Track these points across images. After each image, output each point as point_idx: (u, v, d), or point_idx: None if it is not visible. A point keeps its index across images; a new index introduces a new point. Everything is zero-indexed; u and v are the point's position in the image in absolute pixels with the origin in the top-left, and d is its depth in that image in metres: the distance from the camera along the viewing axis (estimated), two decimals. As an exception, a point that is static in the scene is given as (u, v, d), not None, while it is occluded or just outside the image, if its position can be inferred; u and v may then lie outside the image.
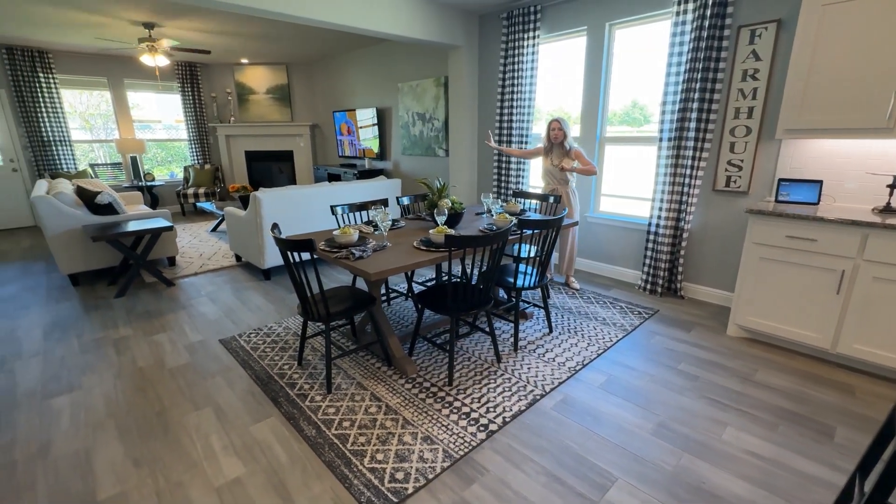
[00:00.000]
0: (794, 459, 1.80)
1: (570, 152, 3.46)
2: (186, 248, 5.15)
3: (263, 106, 7.66)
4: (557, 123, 3.45)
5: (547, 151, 3.59)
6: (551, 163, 3.54)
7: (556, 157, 3.51)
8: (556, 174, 3.55)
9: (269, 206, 3.79)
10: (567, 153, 3.47)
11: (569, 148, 3.47)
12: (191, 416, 2.12)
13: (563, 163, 3.41)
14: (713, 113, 3.12)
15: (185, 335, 2.96)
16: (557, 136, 3.45)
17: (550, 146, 3.56)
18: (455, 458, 1.82)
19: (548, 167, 3.59)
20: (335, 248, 2.34)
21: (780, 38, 2.84)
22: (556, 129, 3.45)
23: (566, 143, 3.46)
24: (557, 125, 3.44)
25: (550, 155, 3.56)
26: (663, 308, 3.32)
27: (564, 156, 3.47)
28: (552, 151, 3.55)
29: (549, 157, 3.57)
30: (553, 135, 3.47)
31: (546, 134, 3.54)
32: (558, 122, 3.44)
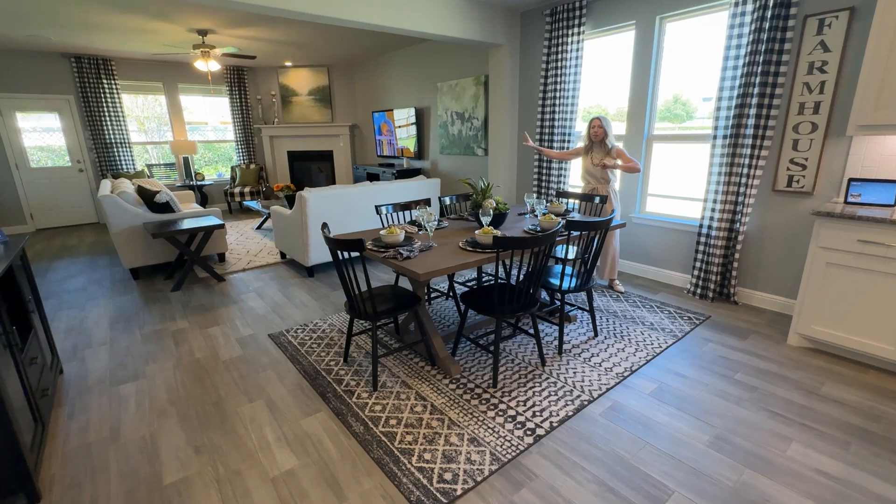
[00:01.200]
0: (870, 481, 1.68)
1: (612, 151, 3.37)
2: (234, 245, 5.37)
3: (305, 107, 7.88)
4: (598, 121, 3.37)
5: (587, 150, 3.52)
6: (591, 162, 3.47)
7: (597, 156, 3.44)
8: (596, 173, 3.49)
9: (315, 205, 3.89)
10: (608, 152, 3.38)
11: (610, 147, 3.39)
12: (245, 407, 2.21)
13: (604, 160, 3.33)
14: (774, 108, 2.95)
15: (236, 329, 3.09)
16: (598, 133, 3.38)
17: (591, 145, 3.49)
18: (503, 462, 1.80)
19: (588, 167, 3.53)
20: (382, 247, 2.38)
21: (852, 27, 2.64)
22: (597, 127, 3.37)
23: (607, 142, 3.39)
24: (598, 123, 3.37)
25: (591, 154, 3.49)
26: (715, 314, 3.17)
27: (605, 155, 3.39)
28: (592, 150, 3.48)
29: (590, 155, 3.49)
30: (593, 133, 3.40)
31: (586, 132, 3.48)
32: (599, 121, 3.36)
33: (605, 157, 3.38)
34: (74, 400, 2.30)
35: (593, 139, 3.43)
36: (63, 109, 6.35)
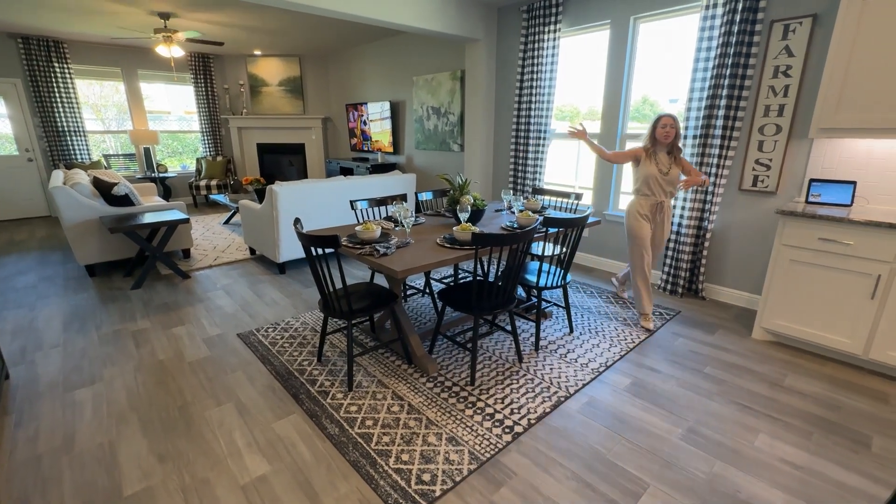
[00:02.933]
0: (832, 469, 1.75)
1: (681, 156, 2.89)
2: (200, 240, 5.15)
3: (276, 98, 7.63)
4: (670, 119, 2.76)
5: (648, 153, 2.90)
6: (658, 168, 2.85)
7: (663, 163, 2.86)
8: (663, 183, 2.86)
9: (286, 199, 3.76)
10: (676, 158, 2.87)
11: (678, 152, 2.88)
12: (213, 411, 2.11)
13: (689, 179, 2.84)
14: (741, 110, 3.04)
15: (203, 328, 2.95)
16: (668, 135, 2.77)
17: (653, 147, 2.88)
18: (482, 461, 1.79)
19: (652, 173, 2.85)
20: (358, 244, 2.31)
21: (815, 33, 2.75)
22: (668, 127, 2.76)
23: (678, 145, 2.88)
24: (670, 121, 2.76)
25: (655, 158, 2.87)
26: (685, 309, 3.27)
27: (673, 161, 2.86)
28: (657, 154, 2.88)
29: (654, 160, 2.86)
30: (663, 133, 2.78)
31: (650, 132, 2.85)
32: (671, 119, 2.76)
33: (672, 164, 2.85)
34: (22, 407, 2.14)
35: (661, 140, 2.82)
36: (9, 94, 5.91)
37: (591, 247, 4.25)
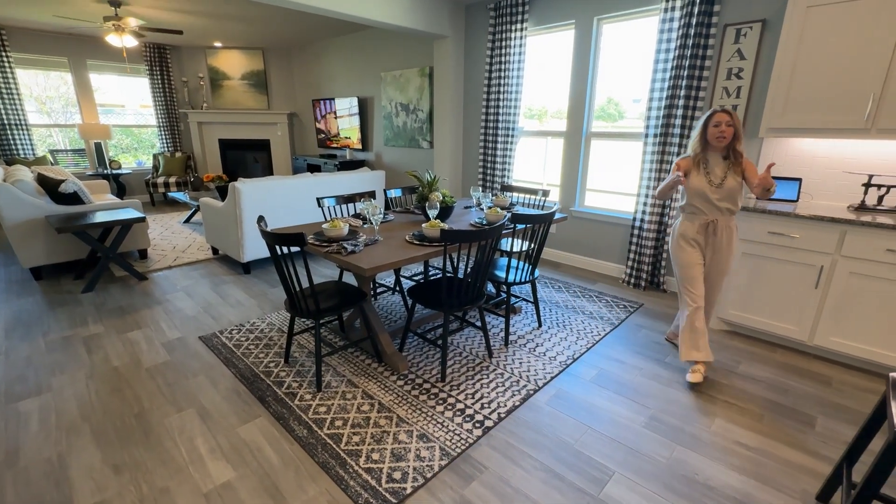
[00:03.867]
0: (781, 449, 1.86)
1: (742, 162, 2.18)
2: (158, 240, 4.92)
3: (238, 92, 7.37)
4: (726, 116, 2.12)
5: (697, 162, 2.23)
6: (708, 180, 2.19)
7: (717, 171, 2.19)
8: (716, 198, 2.20)
9: (250, 197, 3.64)
10: (735, 165, 2.18)
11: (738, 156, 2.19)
12: (173, 417, 2.02)
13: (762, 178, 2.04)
14: (698, 110, 3.17)
15: (162, 332, 2.82)
16: (724, 136, 2.12)
17: (703, 152, 2.23)
18: (453, 456, 1.80)
19: (699, 187, 2.21)
20: (325, 242, 2.27)
21: (764, 37, 2.90)
22: (724, 125, 2.12)
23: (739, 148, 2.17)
24: (726, 118, 2.12)
25: (705, 167, 2.22)
26: (647, 301, 3.39)
27: (730, 169, 2.18)
28: (708, 162, 2.22)
29: (703, 169, 2.21)
30: (716, 134, 2.13)
31: (700, 132, 2.20)
32: (727, 115, 2.12)
33: (728, 172, 2.18)
34: (-41, 421, 1.98)
35: (714, 143, 2.16)
36: (-61, 83, 5.44)
37: (558, 243, 4.33)
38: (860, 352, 2.40)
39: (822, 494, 1.61)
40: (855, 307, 2.39)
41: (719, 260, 2.35)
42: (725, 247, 2.32)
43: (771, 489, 1.66)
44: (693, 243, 2.35)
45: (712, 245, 2.33)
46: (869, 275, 2.32)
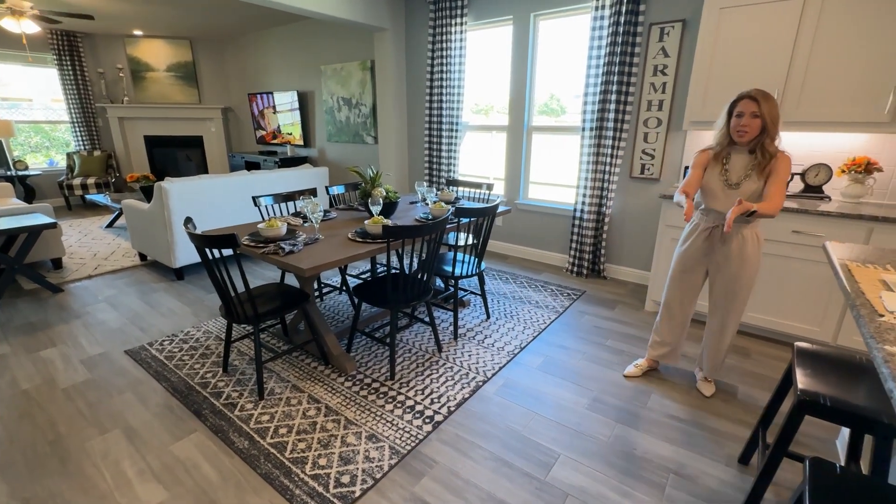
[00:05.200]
0: (708, 419, 2.01)
1: (774, 161, 1.78)
2: (76, 247, 4.47)
3: (164, 85, 6.84)
4: (753, 105, 1.74)
5: (719, 157, 1.91)
6: (723, 177, 1.88)
7: (737, 169, 1.86)
8: (724, 197, 1.89)
9: (179, 197, 3.40)
10: (761, 165, 1.80)
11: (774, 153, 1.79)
12: (95, 441, 1.85)
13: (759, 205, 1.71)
14: (629, 105, 3.34)
15: (81, 348, 2.57)
16: (746, 129, 1.77)
17: (728, 146, 1.89)
18: (403, 454, 1.78)
19: (712, 186, 1.91)
20: (261, 242, 2.16)
21: (685, 36, 3.09)
22: (749, 116, 1.75)
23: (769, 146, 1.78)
24: (752, 108, 1.74)
25: (725, 162, 1.90)
26: (589, 289, 3.54)
27: (755, 169, 1.81)
28: (730, 156, 1.89)
29: (723, 166, 1.89)
30: (737, 126, 1.79)
31: (724, 122, 1.86)
32: (755, 103, 1.73)
33: (752, 171, 1.82)
34: None
35: (736, 136, 1.81)
36: None
37: (505, 235, 4.41)
38: (772, 324, 2.65)
39: (743, 457, 1.76)
40: (767, 283, 2.62)
41: (728, 273, 1.95)
42: (740, 260, 1.90)
43: (700, 456, 1.79)
44: (694, 246, 2.02)
45: (720, 255, 1.96)
46: (778, 254, 2.55)
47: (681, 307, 2.17)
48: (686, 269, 2.08)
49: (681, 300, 2.15)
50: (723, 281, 2.00)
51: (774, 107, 1.73)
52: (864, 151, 2.64)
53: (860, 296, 1.20)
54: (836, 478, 0.99)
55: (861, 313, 1.10)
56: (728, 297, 2.00)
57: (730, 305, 2.01)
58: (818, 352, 1.47)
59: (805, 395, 1.26)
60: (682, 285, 2.13)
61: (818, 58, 2.45)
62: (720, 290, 2.03)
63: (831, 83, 2.44)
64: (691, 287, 2.11)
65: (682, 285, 2.12)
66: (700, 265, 2.06)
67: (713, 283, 2.06)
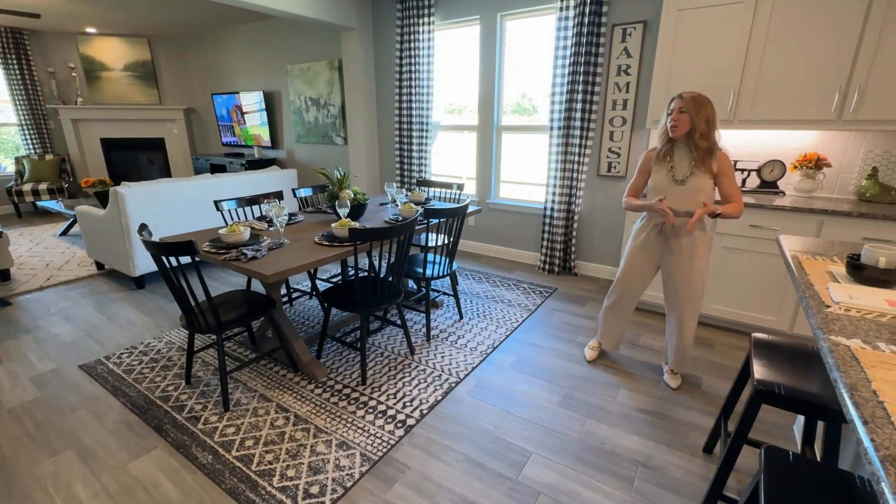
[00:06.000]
0: (674, 410, 2.07)
1: (714, 157, 1.90)
2: (26, 257, 4.22)
3: (121, 85, 6.55)
4: (679, 102, 1.88)
5: (662, 155, 2.01)
6: (671, 176, 1.97)
7: (682, 166, 1.95)
8: (675, 195, 1.97)
9: (136, 203, 3.25)
10: (703, 160, 1.91)
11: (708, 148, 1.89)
12: (45, 463, 1.74)
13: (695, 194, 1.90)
14: (595, 104, 3.40)
15: (30, 365, 2.42)
16: (676, 124, 1.89)
17: (669, 144, 1.99)
18: (374, 461, 1.75)
19: (658, 181, 2.01)
20: (223, 248, 2.08)
21: (646, 37, 3.17)
22: (676, 112, 1.89)
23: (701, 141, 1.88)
24: (679, 105, 1.88)
25: (669, 160, 1.99)
26: (561, 286, 3.58)
27: (697, 165, 1.92)
28: (673, 155, 1.99)
29: (667, 163, 1.99)
30: (670, 121, 1.92)
31: (663, 125, 1.99)
32: (681, 101, 1.88)
33: (695, 168, 1.92)
34: None
35: (670, 132, 1.93)
36: None
37: (477, 234, 4.42)
38: (734, 315, 2.75)
39: (707, 446, 1.81)
40: (728, 277, 2.72)
41: (680, 270, 2.03)
42: (690, 256, 1.99)
43: (667, 448, 1.83)
44: (645, 243, 2.09)
45: (671, 252, 2.04)
46: (738, 248, 2.65)
47: (630, 301, 2.26)
48: (637, 265, 2.16)
49: (630, 295, 2.24)
50: (676, 277, 2.06)
51: (702, 105, 1.86)
52: (814, 148, 2.77)
53: (809, 287, 1.25)
54: (789, 465, 1.02)
55: (810, 304, 1.14)
56: (683, 293, 2.07)
57: (686, 300, 2.07)
58: (774, 342, 1.52)
59: (761, 384, 1.30)
60: (632, 281, 2.20)
61: (770, 59, 2.55)
62: (675, 286, 2.08)
63: (783, 83, 2.55)
64: (641, 283, 2.19)
65: (633, 281, 2.20)
66: (652, 261, 2.13)
67: (667, 280, 2.11)
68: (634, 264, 2.16)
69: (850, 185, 2.72)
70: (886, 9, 2.23)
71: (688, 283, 2.04)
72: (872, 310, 1.10)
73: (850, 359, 0.89)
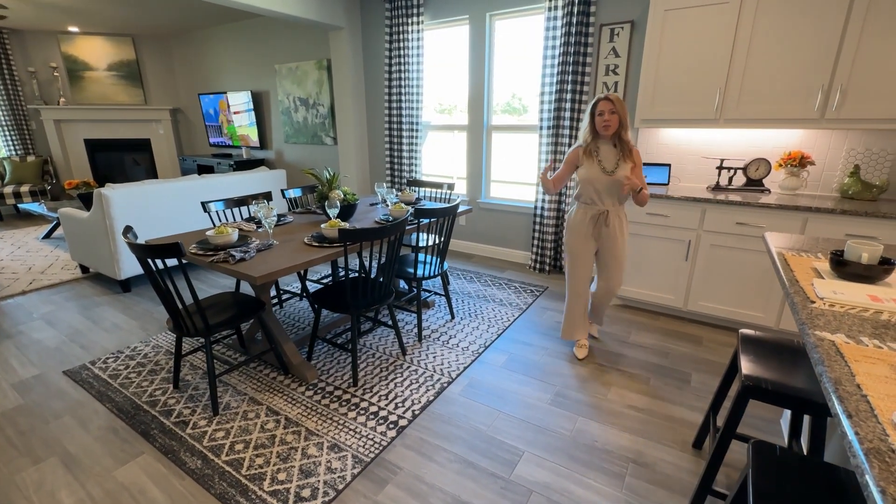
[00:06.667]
0: (664, 406, 2.09)
1: (632, 153, 2.22)
2: (8, 261, 4.13)
3: (105, 85, 6.44)
4: (609, 104, 2.13)
5: (589, 151, 2.25)
6: (601, 169, 2.22)
7: (609, 159, 2.22)
8: (606, 186, 2.24)
9: (121, 204, 3.19)
10: (625, 152, 2.21)
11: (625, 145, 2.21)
12: (28, 472, 1.70)
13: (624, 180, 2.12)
14: (584, 104, 3.41)
15: (12, 371, 2.37)
16: (608, 123, 2.15)
17: (594, 141, 2.24)
18: (366, 463, 1.74)
19: (591, 175, 2.23)
20: (210, 250, 2.05)
21: (634, 37, 3.19)
22: (608, 113, 2.14)
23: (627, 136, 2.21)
24: (609, 106, 2.13)
25: (596, 155, 2.24)
26: (551, 284, 3.60)
27: (622, 157, 2.21)
28: (599, 150, 2.24)
29: (595, 157, 2.24)
30: (601, 122, 2.16)
31: (588, 124, 2.23)
32: (610, 103, 2.13)
33: (620, 160, 2.20)
34: None
35: (600, 131, 2.19)
36: None
37: (468, 234, 4.42)
38: (722, 312, 2.78)
39: (697, 442, 1.83)
40: (716, 274, 2.75)
41: (614, 248, 2.35)
42: (619, 235, 2.33)
43: (657, 444, 1.85)
44: (585, 234, 2.35)
45: (605, 235, 2.33)
46: (725, 245, 2.68)
47: (585, 287, 2.49)
48: (582, 253, 2.42)
49: (584, 280, 2.47)
50: (609, 255, 2.40)
51: (624, 107, 2.17)
52: (798, 146, 2.82)
53: (794, 283, 1.27)
54: (776, 459, 1.04)
55: (795, 300, 1.16)
56: (613, 264, 2.41)
57: (616, 270, 2.42)
58: (761, 338, 1.54)
59: (749, 380, 1.31)
60: (581, 269, 2.45)
61: (755, 59, 2.58)
62: (606, 260, 2.43)
63: (767, 83, 2.58)
64: (588, 266, 2.45)
65: (582, 269, 2.45)
66: (592, 246, 2.42)
67: (602, 256, 2.44)
68: (579, 254, 2.42)
69: (834, 182, 2.77)
70: (867, 10, 2.28)
71: (618, 259, 2.39)
72: (856, 305, 1.12)
73: (835, 353, 0.90)
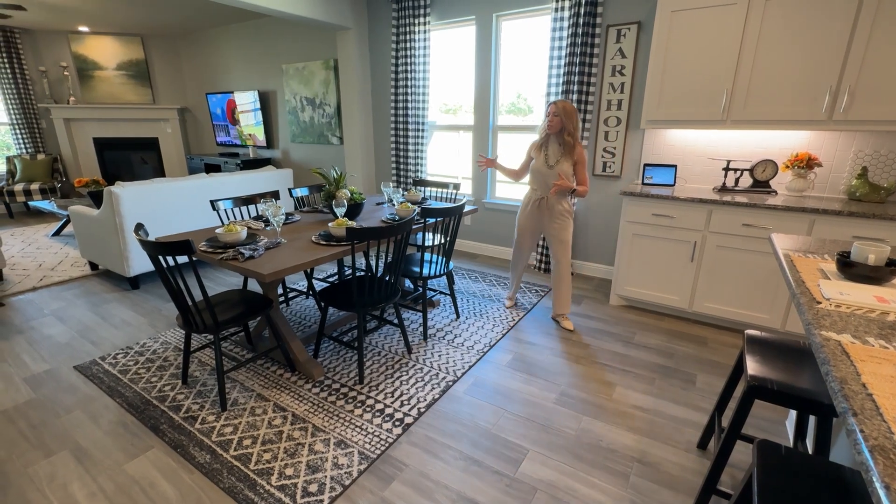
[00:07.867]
0: (669, 407, 2.09)
1: (575, 150, 2.58)
2: (19, 257, 4.19)
3: (115, 85, 6.50)
4: (554, 107, 2.55)
5: (540, 145, 2.70)
6: (545, 161, 2.64)
7: (553, 155, 2.63)
8: (546, 176, 2.65)
9: (131, 202, 3.23)
10: (568, 152, 2.59)
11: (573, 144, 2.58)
12: (40, 465, 1.73)
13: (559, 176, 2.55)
14: (590, 104, 3.42)
15: (24, 366, 2.41)
16: (552, 124, 2.57)
17: (546, 137, 2.67)
18: (372, 459, 1.76)
19: (536, 165, 2.69)
20: (220, 248, 2.08)
21: (640, 38, 3.19)
22: (552, 115, 2.56)
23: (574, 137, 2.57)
24: (553, 109, 2.55)
25: (545, 149, 2.67)
26: (557, 285, 3.60)
27: (563, 155, 2.60)
28: (549, 146, 2.66)
29: (543, 151, 2.67)
30: (548, 122, 2.60)
31: (545, 121, 2.67)
32: (555, 106, 2.55)
33: (562, 157, 2.60)
34: None
35: (549, 130, 2.61)
36: None
37: (474, 234, 4.44)
38: (727, 313, 2.78)
39: (702, 442, 1.84)
40: (722, 275, 2.75)
41: (552, 230, 2.76)
42: (558, 219, 2.72)
43: (662, 444, 1.85)
44: (528, 213, 2.81)
45: (546, 217, 2.76)
46: (731, 246, 2.68)
47: (523, 257, 2.99)
48: (524, 229, 2.87)
49: (523, 255, 2.97)
50: (549, 233, 2.78)
51: (571, 113, 2.54)
52: (805, 148, 2.81)
53: (801, 284, 1.27)
54: (781, 458, 1.04)
55: (801, 301, 1.17)
56: (555, 244, 2.76)
57: (561, 252, 2.77)
58: (766, 339, 1.55)
59: (754, 380, 1.32)
60: (523, 240, 2.91)
61: (762, 60, 2.58)
62: (549, 240, 2.80)
63: (775, 84, 2.58)
64: (530, 245, 2.92)
65: (523, 241, 2.91)
66: (535, 227, 2.84)
67: (547, 237, 2.82)
68: (523, 230, 2.88)
69: (841, 184, 2.76)
70: (876, 11, 2.27)
71: (557, 238, 2.74)
72: (862, 306, 1.12)
73: (841, 353, 0.91)
